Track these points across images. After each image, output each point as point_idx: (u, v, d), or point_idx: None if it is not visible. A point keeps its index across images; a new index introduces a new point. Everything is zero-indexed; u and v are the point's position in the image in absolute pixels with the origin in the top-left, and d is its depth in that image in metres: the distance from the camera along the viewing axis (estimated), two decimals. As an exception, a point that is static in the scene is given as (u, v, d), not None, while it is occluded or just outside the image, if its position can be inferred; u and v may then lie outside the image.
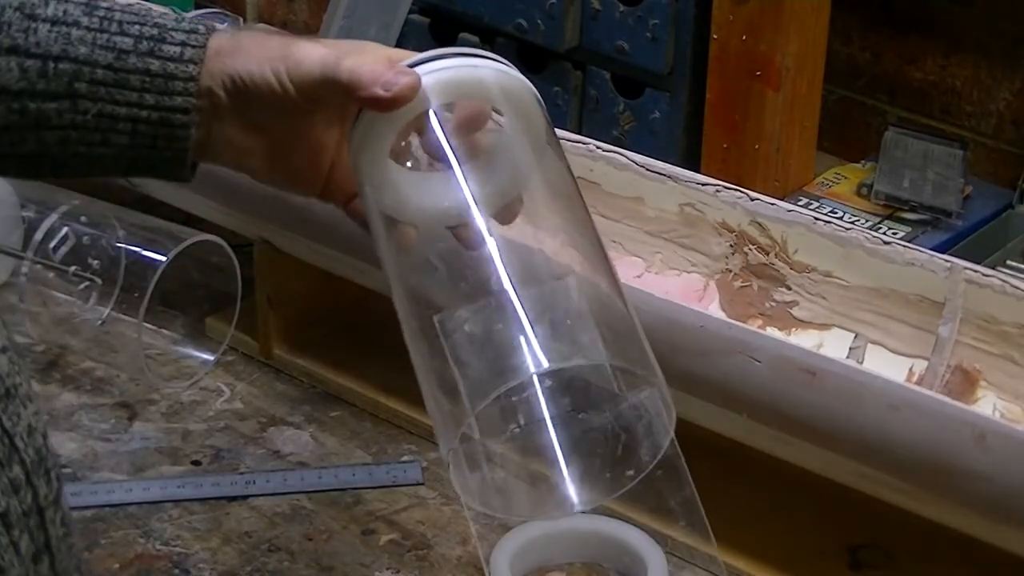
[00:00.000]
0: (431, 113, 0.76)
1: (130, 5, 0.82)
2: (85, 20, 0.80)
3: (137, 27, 0.81)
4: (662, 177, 1.11)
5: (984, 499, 0.87)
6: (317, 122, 0.82)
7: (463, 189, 0.74)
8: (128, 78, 0.80)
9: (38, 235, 1.16)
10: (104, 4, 0.82)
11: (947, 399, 0.88)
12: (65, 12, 0.80)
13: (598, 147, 1.13)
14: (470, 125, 0.78)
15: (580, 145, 1.13)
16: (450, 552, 1.01)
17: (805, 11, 1.97)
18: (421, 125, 0.77)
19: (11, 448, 0.65)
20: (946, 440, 0.86)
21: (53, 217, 1.17)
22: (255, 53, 0.81)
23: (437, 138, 0.76)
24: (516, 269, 0.71)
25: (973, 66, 2.06)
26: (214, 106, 0.80)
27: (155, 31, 0.81)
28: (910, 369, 1.03)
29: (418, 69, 0.76)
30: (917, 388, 0.91)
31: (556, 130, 1.14)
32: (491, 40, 2.25)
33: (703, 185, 1.10)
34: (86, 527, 1.02)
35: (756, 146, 2.02)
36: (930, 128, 2.07)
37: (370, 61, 0.77)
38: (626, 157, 1.12)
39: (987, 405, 0.99)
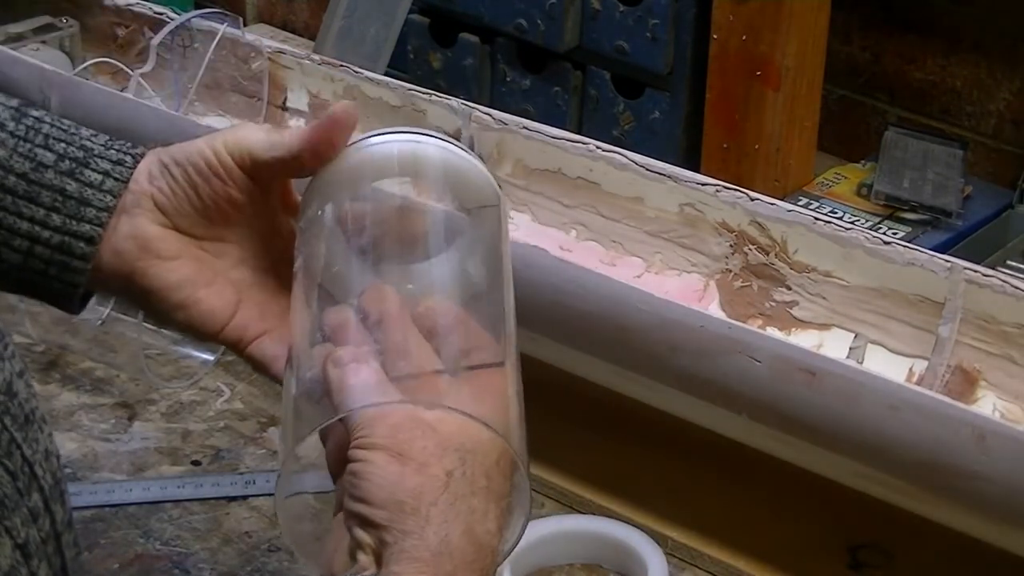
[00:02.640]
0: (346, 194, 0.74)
1: (63, 121, 0.78)
2: (11, 125, 0.77)
3: (63, 145, 0.77)
4: (662, 177, 1.11)
5: (984, 499, 0.87)
6: (239, 240, 0.78)
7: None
8: (40, 193, 0.76)
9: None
10: (35, 114, 0.78)
11: (947, 399, 0.88)
12: None
13: (598, 147, 1.13)
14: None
15: (580, 145, 1.13)
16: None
17: (805, 11, 1.97)
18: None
19: (31, 476, 0.64)
20: (946, 440, 0.86)
21: (53, 217, 1.17)
22: (193, 140, 0.77)
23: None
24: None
25: (973, 66, 2.07)
26: (130, 195, 0.76)
27: (80, 153, 0.77)
28: (910, 369, 1.03)
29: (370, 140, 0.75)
30: (917, 388, 0.91)
31: (556, 130, 1.14)
32: (491, 40, 2.26)
33: (703, 185, 1.10)
34: (86, 527, 1.02)
35: (756, 146, 2.03)
36: (930, 128, 2.07)
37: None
38: (626, 157, 1.12)
39: (987, 405, 0.99)
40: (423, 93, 1.20)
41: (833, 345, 1.05)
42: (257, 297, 0.78)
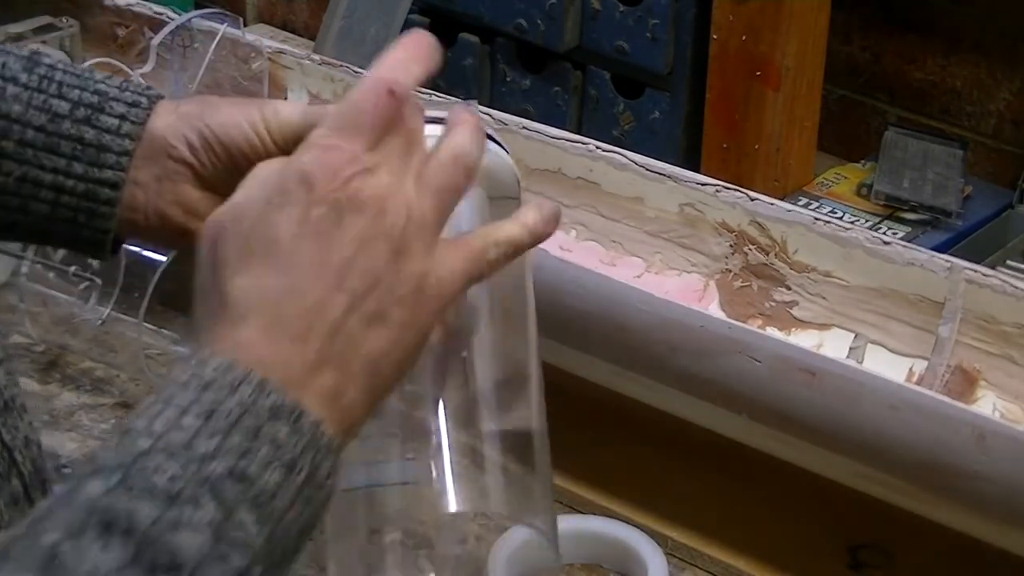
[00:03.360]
0: None
1: (74, 67, 0.79)
2: (23, 77, 0.77)
3: (77, 92, 0.77)
4: (662, 177, 1.11)
5: (984, 499, 0.87)
6: None
7: None
8: (59, 143, 0.76)
9: (38, 235, 1.17)
10: (47, 61, 0.78)
11: (947, 399, 0.88)
12: (4, 65, 0.76)
13: (598, 147, 1.13)
14: None
15: (580, 145, 1.13)
16: (450, 552, 1.01)
17: (805, 11, 1.97)
18: None
19: (10, 462, 0.65)
20: (946, 440, 0.86)
21: (53, 217, 1.17)
22: (226, 108, 0.77)
23: None
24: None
25: (973, 66, 2.07)
26: (172, 161, 0.76)
27: (95, 99, 0.77)
28: (910, 369, 1.03)
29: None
30: (917, 388, 0.91)
31: (556, 130, 1.14)
32: (491, 40, 2.26)
33: (703, 185, 1.10)
34: (86, 527, 1.02)
35: (756, 146, 2.03)
36: (930, 128, 2.07)
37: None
38: (626, 157, 1.12)
39: (987, 405, 0.99)
40: (423, 93, 1.20)
41: (833, 345, 1.05)
42: None
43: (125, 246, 1.15)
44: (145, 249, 1.15)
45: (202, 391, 0.59)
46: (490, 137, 0.75)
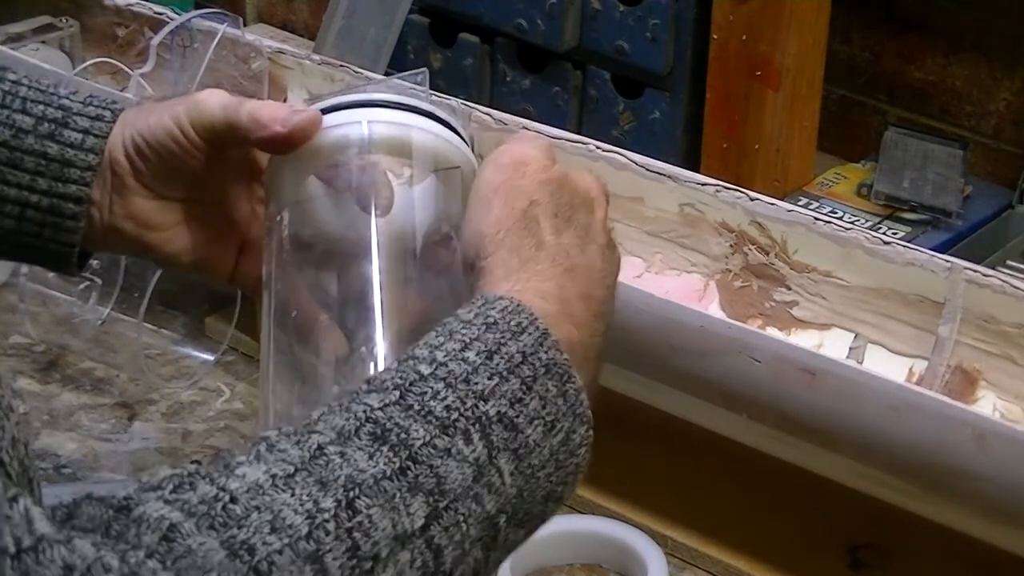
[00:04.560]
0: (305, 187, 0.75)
1: (40, 83, 0.79)
2: None
3: (41, 107, 0.77)
4: (662, 177, 1.11)
5: (984, 499, 0.87)
6: (223, 192, 0.80)
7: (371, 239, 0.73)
8: (23, 158, 0.76)
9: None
10: (11, 77, 0.79)
11: (947, 399, 0.88)
12: None
13: (598, 147, 1.13)
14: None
15: (580, 145, 1.13)
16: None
17: (805, 11, 1.97)
18: (331, 175, 0.75)
19: None
20: (946, 440, 0.86)
21: (53, 217, 1.17)
22: (157, 109, 0.78)
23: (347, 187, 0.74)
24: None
25: (973, 66, 2.07)
26: (115, 177, 0.77)
27: (59, 113, 0.77)
28: (910, 369, 1.03)
29: (343, 114, 0.75)
30: (917, 388, 0.91)
31: (555, 130, 1.14)
32: (491, 40, 2.26)
33: (703, 185, 1.10)
34: (86, 527, 1.02)
35: (756, 146, 2.03)
36: (930, 128, 2.07)
37: (271, 104, 0.75)
38: (626, 157, 1.12)
39: (987, 405, 0.99)
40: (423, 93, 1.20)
41: (833, 345, 1.05)
42: (255, 238, 0.80)
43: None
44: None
45: (486, 329, 0.62)
46: (430, 115, 0.76)
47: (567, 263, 0.68)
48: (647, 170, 1.11)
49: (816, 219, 1.06)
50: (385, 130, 0.75)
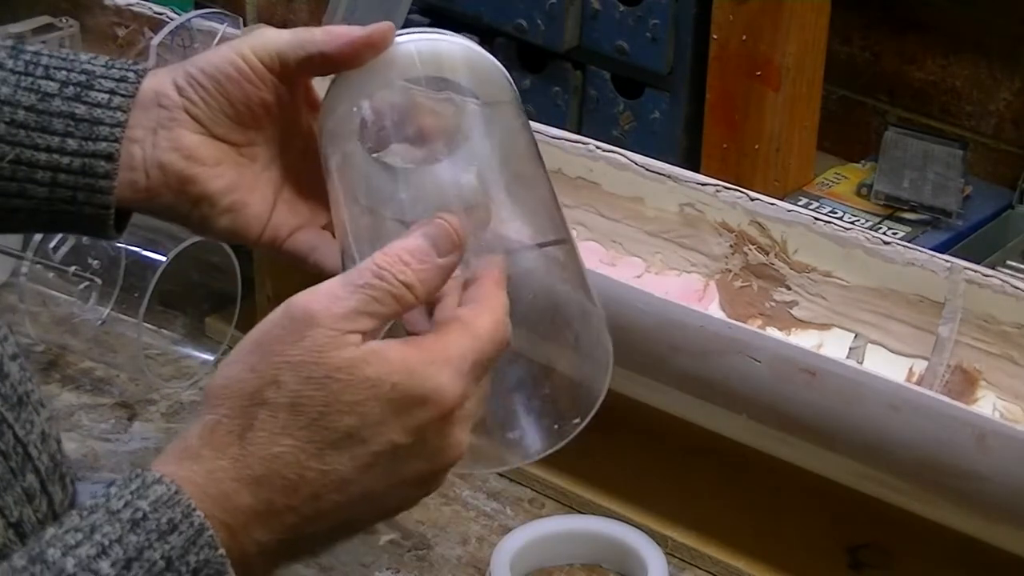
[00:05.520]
0: (378, 93, 0.75)
1: (58, 52, 0.79)
2: (10, 63, 0.77)
3: (64, 72, 0.77)
4: (662, 177, 1.11)
5: (984, 499, 0.87)
6: (273, 136, 0.79)
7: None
8: (51, 121, 0.76)
9: (38, 235, 1.16)
10: (31, 49, 0.78)
11: (947, 399, 0.88)
12: None
13: (598, 147, 1.13)
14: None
15: (580, 145, 1.13)
16: (450, 552, 1.01)
17: (805, 11, 1.97)
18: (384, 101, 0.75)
19: (25, 456, 0.64)
20: (946, 440, 0.86)
21: (53, 217, 1.17)
22: (215, 50, 0.78)
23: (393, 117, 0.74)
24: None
25: (973, 66, 2.07)
26: (162, 109, 0.76)
27: (82, 77, 0.77)
28: (910, 369, 1.03)
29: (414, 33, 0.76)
30: (917, 388, 0.91)
31: (555, 130, 1.14)
32: (491, 40, 2.25)
33: (703, 185, 1.10)
34: (86, 527, 1.02)
35: (756, 146, 2.03)
36: (930, 128, 2.07)
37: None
38: (626, 157, 1.12)
39: (987, 405, 0.99)
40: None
41: (833, 345, 1.05)
42: (287, 195, 0.80)
43: (125, 246, 1.16)
44: (145, 249, 1.15)
45: (131, 528, 0.56)
46: (474, 41, 0.77)
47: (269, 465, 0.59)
48: (647, 170, 1.11)
49: (816, 219, 1.06)
50: (456, 50, 0.76)
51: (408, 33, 0.77)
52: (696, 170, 1.28)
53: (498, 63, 0.78)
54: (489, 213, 0.70)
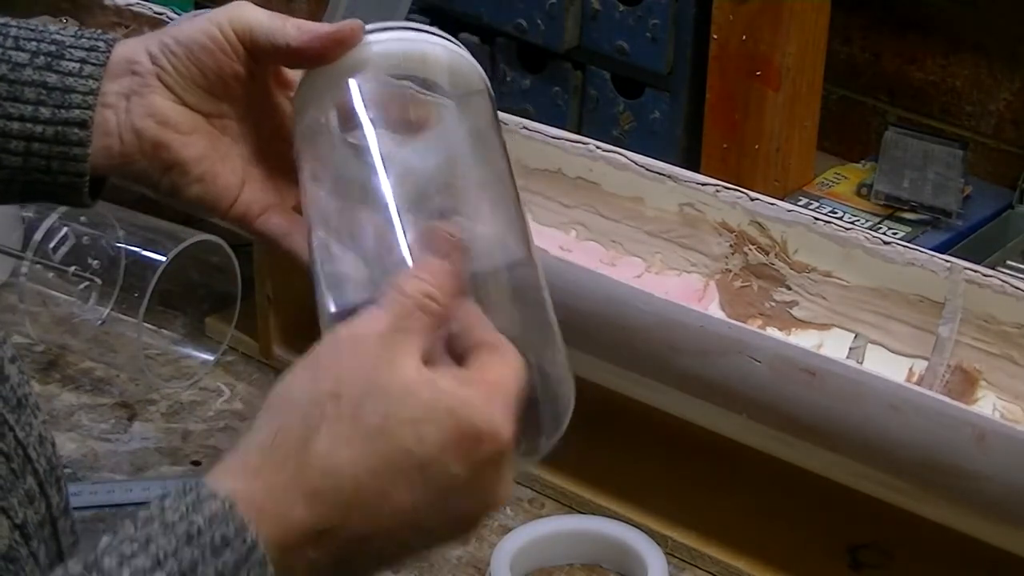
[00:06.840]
0: (351, 83, 0.75)
1: (27, 23, 0.79)
2: None
3: (34, 43, 0.77)
4: (662, 177, 1.11)
5: (984, 499, 0.87)
6: (246, 110, 0.79)
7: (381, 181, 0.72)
8: (23, 90, 0.76)
9: (38, 235, 1.16)
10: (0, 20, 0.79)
11: (947, 399, 0.88)
12: None
13: (598, 147, 1.13)
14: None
15: (580, 145, 1.13)
16: (450, 552, 1.01)
17: (805, 11, 1.97)
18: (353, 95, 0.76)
19: (25, 459, 0.65)
20: (946, 440, 0.86)
21: (53, 217, 1.17)
22: (190, 20, 0.78)
23: (360, 108, 0.74)
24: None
25: (973, 66, 2.06)
26: (135, 76, 0.77)
27: (53, 47, 0.77)
28: (910, 369, 1.03)
29: (367, 37, 0.76)
30: (917, 388, 0.91)
31: (555, 130, 1.14)
32: (491, 40, 2.25)
33: (703, 185, 1.10)
34: (86, 527, 1.02)
35: (756, 146, 2.03)
36: (930, 128, 2.07)
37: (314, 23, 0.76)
38: (626, 157, 1.12)
39: (987, 405, 0.99)
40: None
41: (833, 345, 1.05)
42: (257, 173, 0.80)
43: (125, 246, 1.16)
44: (145, 249, 1.15)
45: (186, 542, 0.57)
46: (446, 36, 0.77)
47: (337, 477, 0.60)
48: (647, 170, 1.11)
49: (816, 219, 1.06)
50: (429, 47, 0.76)
51: (382, 30, 0.77)
52: (696, 170, 1.28)
53: (472, 59, 0.78)
54: (457, 200, 0.71)
